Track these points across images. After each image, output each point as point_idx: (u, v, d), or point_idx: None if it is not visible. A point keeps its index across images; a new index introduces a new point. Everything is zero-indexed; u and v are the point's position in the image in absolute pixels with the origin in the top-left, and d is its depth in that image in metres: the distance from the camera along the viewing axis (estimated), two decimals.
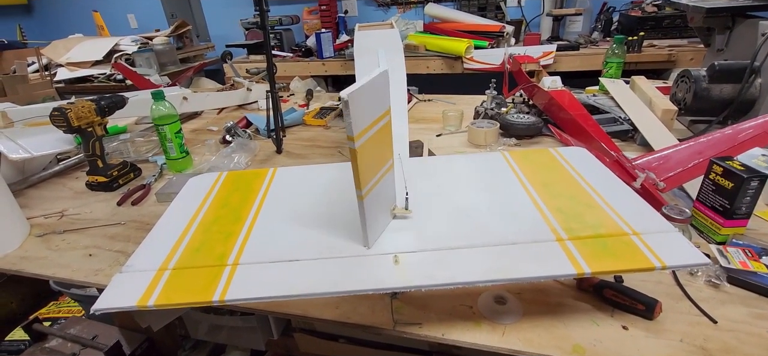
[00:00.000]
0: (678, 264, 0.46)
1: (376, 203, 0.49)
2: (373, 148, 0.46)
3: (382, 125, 0.48)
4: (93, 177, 1.07)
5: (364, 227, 0.49)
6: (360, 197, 0.46)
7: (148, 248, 0.55)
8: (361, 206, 0.46)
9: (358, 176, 0.45)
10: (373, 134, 0.46)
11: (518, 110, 1.32)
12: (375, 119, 0.46)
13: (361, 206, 0.46)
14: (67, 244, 0.86)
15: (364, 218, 0.48)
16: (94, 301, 1.49)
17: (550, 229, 0.52)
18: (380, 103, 0.47)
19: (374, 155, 0.47)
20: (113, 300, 0.46)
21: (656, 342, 0.56)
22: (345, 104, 0.41)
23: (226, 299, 0.45)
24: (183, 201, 0.65)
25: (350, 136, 0.43)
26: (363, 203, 0.46)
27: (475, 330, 0.60)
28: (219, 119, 1.65)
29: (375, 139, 0.47)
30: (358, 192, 0.46)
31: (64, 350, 1.42)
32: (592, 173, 0.62)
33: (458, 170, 0.68)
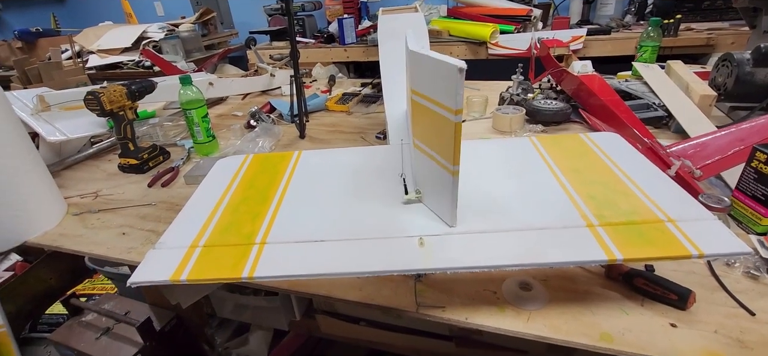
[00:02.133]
0: (716, 253, 0.44)
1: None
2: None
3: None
4: (125, 160, 1.11)
5: (453, 204, 0.48)
6: (454, 172, 0.45)
7: (179, 227, 0.56)
8: (455, 182, 0.46)
9: (456, 151, 0.44)
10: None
11: (545, 96, 1.28)
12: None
13: (455, 182, 0.46)
14: (101, 223, 0.90)
15: (455, 195, 0.47)
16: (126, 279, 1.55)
17: (580, 215, 0.50)
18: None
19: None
20: (148, 274, 0.48)
21: (689, 332, 0.54)
22: (460, 72, 0.39)
23: (255, 276, 0.46)
24: (211, 182, 0.66)
25: (457, 108, 0.42)
26: (457, 179, 0.46)
27: (498, 315, 0.59)
28: (243, 105, 1.68)
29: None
30: (453, 168, 0.45)
31: (99, 324, 1.50)
32: (625, 159, 0.60)
33: (484, 155, 0.67)
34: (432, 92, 0.45)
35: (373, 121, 1.40)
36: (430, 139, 0.49)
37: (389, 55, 1.07)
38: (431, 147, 0.49)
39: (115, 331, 1.46)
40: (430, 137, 0.49)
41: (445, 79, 0.41)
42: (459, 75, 0.40)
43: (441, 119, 0.45)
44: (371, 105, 1.49)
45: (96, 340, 1.43)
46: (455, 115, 0.42)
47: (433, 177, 0.50)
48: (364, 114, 1.45)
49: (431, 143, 0.49)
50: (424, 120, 0.53)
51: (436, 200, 0.52)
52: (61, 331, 1.48)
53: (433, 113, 0.46)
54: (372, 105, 1.49)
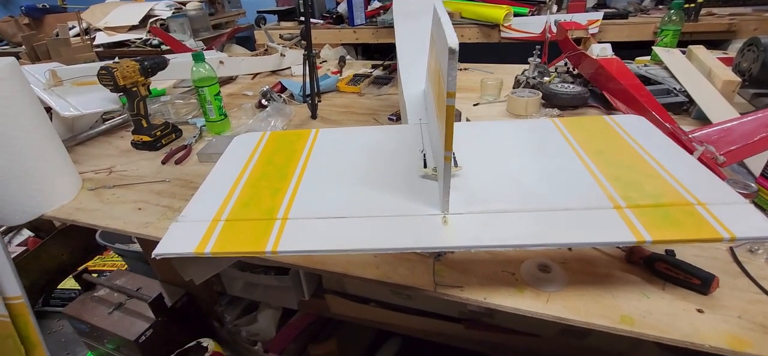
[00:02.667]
0: (749, 236, 0.43)
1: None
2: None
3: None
4: (138, 136, 1.11)
5: (446, 192, 0.47)
6: (447, 157, 0.44)
7: (200, 201, 0.56)
8: (447, 168, 0.45)
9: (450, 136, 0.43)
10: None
11: (562, 80, 1.26)
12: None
13: (447, 168, 0.45)
14: (116, 198, 0.90)
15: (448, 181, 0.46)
16: (137, 256, 1.57)
17: (606, 196, 0.49)
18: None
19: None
20: (172, 246, 0.48)
21: (713, 317, 0.53)
22: (452, 53, 0.38)
23: (279, 250, 0.46)
24: (230, 158, 0.66)
25: (450, 91, 0.40)
26: (449, 165, 0.45)
27: (517, 295, 0.59)
28: (253, 85, 1.67)
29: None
30: (446, 153, 0.44)
31: (112, 299, 1.52)
32: (650, 142, 0.59)
33: (505, 136, 0.66)
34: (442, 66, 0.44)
35: (385, 103, 1.39)
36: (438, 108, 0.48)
37: (405, 35, 1.05)
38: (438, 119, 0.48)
39: (127, 306, 1.49)
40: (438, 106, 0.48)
41: (443, 55, 0.40)
42: (450, 55, 0.38)
43: (440, 97, 0.44)
44: (383, 87, 1.47)
45: (109, 315, 1.45)
46: (447, 97, 0.41)
47: (439, 156, 0.49)
48: (376, 96, 1.43)
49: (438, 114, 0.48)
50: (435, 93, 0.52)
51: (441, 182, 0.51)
52: (74, 305, 1.51)
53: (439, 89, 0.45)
54: (384, 87, 1.47)
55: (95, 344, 1.51)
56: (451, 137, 0.42)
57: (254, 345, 1.51)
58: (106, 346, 1.48)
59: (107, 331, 1.41)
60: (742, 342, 0.50)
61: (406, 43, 1.00)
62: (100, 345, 1.50)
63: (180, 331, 1.49)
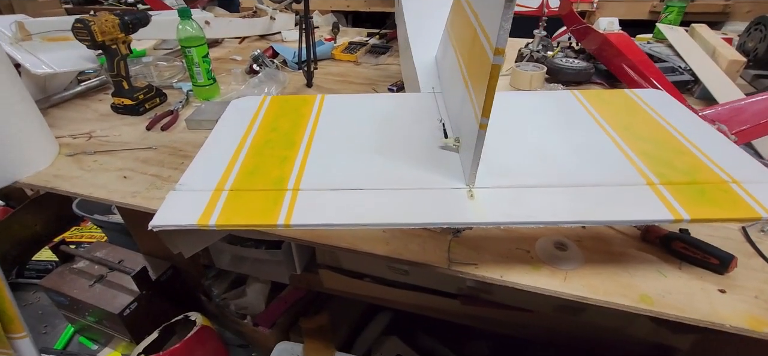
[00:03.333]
0: None
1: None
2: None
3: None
4: (119, 99, 1.03)
5: (475, 164, 0.44)
6: (481, 125, 0.40)
7: (198, 169, 0.51)
8: (480, 137, 0.41)
9: (490, 100, 0.39)
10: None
11: (565, 55, 1.23)
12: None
13: (480, 137, 0.41)
14: (99, 165, 0.83)
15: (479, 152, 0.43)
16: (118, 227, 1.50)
17: (638, 173, 0.47)
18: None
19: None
20: (171, 217, 0.43)
21: (730, 297, 0.53)
22: (508, 3, 0.33)
23: (292, 223, 0.42)
24: (228, 123, 0.60)
25: (499, 47, 0.35)
26: (484, 134, 0.41)
27: (534, 273, 0.57)
28: (242, 49, 1.57)
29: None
30: (483, 120, 0.40)
31: (92, 271, 1.45)
32: (675, 117, 0.57)
33: (527, 108, 0.62)
34: (485, 20, 0.39)
35: (383, 73, 1.33)
36: (471, 72, 0.44)
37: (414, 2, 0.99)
38: (472, 85, 0.44)
39: (109, 279, 1.42)
40: (471, 69, 0.44)
41: (491, 5, 0.35)
42: (507, 4, 0.34)
43: (481, 50, 0.39)
44: (380, 56, 1.41)
45: (90, 287, 1.39)
46: (495, 55, 0.37)
47: (468, 125, 0.46)
48: (374, 65, 1.37)
49: (472, 79, 0.44)
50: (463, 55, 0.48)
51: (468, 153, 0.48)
52: (51, 278, 1.43)
53: (477, 40, 0.40)
54: (381, 56, 1.41)
55: (75, 317, 1.45)
56: (491, 102, 0.38)
57: (243, 319, 1.48)
58: (87, 319, 1.43)
59: (88, 304, 1.35)
60: (761, 322, 0.50)
61: (415, 9, 0.94)
62: (80, 318, 1.45)
63: (166, 305, 1.44)
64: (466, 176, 0.46)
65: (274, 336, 1.44)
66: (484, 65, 0.37)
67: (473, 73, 0.43)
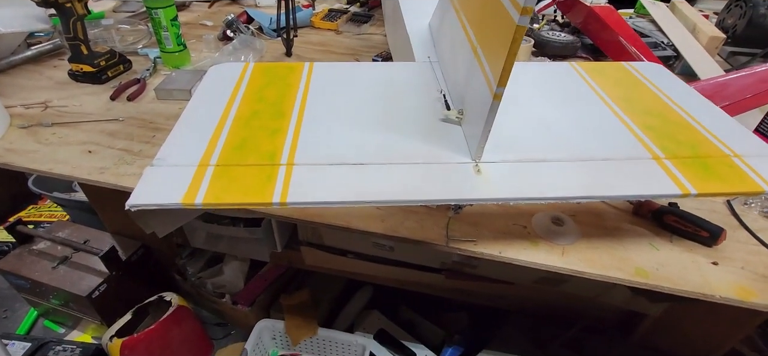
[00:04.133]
0: None
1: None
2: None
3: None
4: (77, 65, 0.93)
5: (484, 138, 0.41)
6: (496, 95, 0.37)
7: (178, 142, 0.46)
8: (493, 108, 0.38)
9: (507, 67, 0.35)
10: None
11: (550, 28, 1.22)
12: None
13: (493, 108, 0.38)
14: (58, 138, 0.75)
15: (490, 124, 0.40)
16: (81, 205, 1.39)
17: (643, 146, 0.46)
18: None
19: None
20: (151, 196, 0.39)
21: (719, 269, 0.54)
22: None
23: (289, 201, 0.38)
24: (208, 92, 0.55)
25: (528, 5, 0.31)
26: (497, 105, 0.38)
27: (532, 249, 0.57)
28: (212, 14, 1.46)
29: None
30: (498, 90, 0.37)
31: (55, 252, 1.36)
32: (675, 91, 0.57)
33: (525, 79, 0.60)
34: None
35: (366, 43, 1.27)
36: (482, 39, 0.41)
37: None
38: (484, 52, 0.41)
39: (75, 260, 1.34)
40: (483, 35, 0.41)
41: None
42: None
43: (500, 11, 0.36)
44: (362, 25, 1.35)
45: (53, 269, 1.30)
46: (521, 15, 0.33)
47: (477, 96, 0.43)
48: (356, 35, 1.31)
49: (483, 46, 0.41)
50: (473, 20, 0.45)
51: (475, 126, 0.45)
52: (9, 260, 1.33)
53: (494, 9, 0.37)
54: (363, 25, 1.35)
55: (38, 300, 1.37)
56: (510, 70, 0.35)
57: (222, 298, 1.43)
58: (51, 302, 1.34)
59: (52, 287, 1.27)
60: (747, 292, 0.51)
61: None
62: (44, 301, 1.36)
63: (138, 286, 1.37)
64: (471, 150, 0.44)
65: (254, 314, 1.40)
66: (505, 27, 0.34)
67: (486, 37, 0.40)
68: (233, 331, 1.55)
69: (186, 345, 1.36)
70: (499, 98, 0.37)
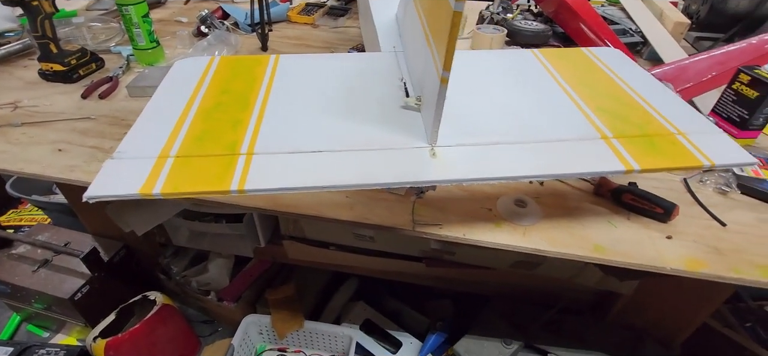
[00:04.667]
0: (727, 163, 0.45)
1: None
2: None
3: None
4: (47, 65, 0.92)
5: (437, 121, 0.42)
6: (442, 79, 0.39)
7: (139, 135, 0.47)
8: (442, 93, 0.39)
9: (451, 52, 0.37)
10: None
11: (523, 17, 1.23)
12: None
13: (442, 93, 0.39)
14: (28, 138, 0.75)
15: (440, 108, 0.41)
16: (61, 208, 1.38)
17: (594, 128, 0.48)
18: None
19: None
20: (109, 187, 0.39)
21: (672, 243, 0.57)
22: None
23: (246, 188, 0.39)
24: (172, 85, 0.55)
25: None
26: (445, 89, 0.39)
27: (496, 230, 0.59)
28: (188, 10, 1.45)
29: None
30: (444, 74, 0.38)
31: (35, 256, 1.35)
32: (629, 74, 0.59)
33: (486, 66, 0.62)
34: None
35: (342, 36, 1.28)
36: (432, 26, 0.43)
37: None
38: (433, 39, 0.42)
39: (56, 263, 1.33)
40: (432, 23, 0.43)
41: None
42: None
43: (438, 5, 0.37)
44: (339, 18, 1.35)
45: (33, 273, 1.29)
46: (456, 0, 0.34)
47: (429, 82, 0.45)
48: (333, 28, 1.31)
49: (433, 33, 0.42)
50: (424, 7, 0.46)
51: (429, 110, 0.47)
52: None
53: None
54: (340, 18, 1.35)
55: (20, 305, 1.35)
56: (452, 54, 0.36)
57: (207, 295, 1.44)
58: (33, 306, 1.33)
59: (33, 290, 1.26)
60: (699, 263, 0.54)
61: None
62: (25, 306, 1.35)
63: (121, 286, 1.37)
64: (428, 134, 0.46)
65: (240, 309, 1.41)
66: (445, 14, 0.35)
67: (434, 26, 0.41)
68: (220, 328, 1.56)
69: (172, 343, 1.36)
70: (446, 82, 0.39)
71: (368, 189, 0.63)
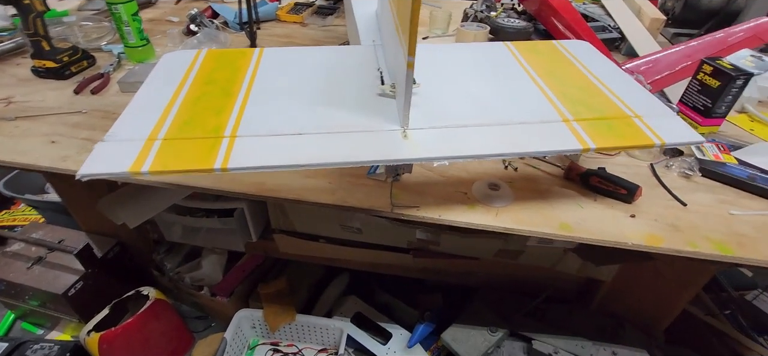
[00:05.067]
0: (676, 142, 0.48)
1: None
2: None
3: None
4: (39, 62, 0.94)
5: (407, 105, 0.45)
6: (410, 64, 0.41)
7: (129, 120, 0.49)
8: (409, 77, 0.42)
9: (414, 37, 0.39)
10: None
11: (508, 15, 1.27)
12: None
13: (409, 77, 0.42)
14: (21, 131, 0.77)
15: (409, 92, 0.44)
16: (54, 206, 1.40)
17: (556, 111, 0.52)
18: None
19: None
20: (100, 166, 0.42)
21: (635, 221, 0.61)
22: None
23: (230, 167, 0.42)
24: (160, 76, 0.58)
25: None
26: (411, 73, 0.42)
27: (469, 212, 0.62)
28: (178, 10, 1.48)
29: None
30: (409, 58, 0.41)
31: (29, 253, 1.36)
32: (595, 64, 0.62)
33: (461, 58, 0.65)
34: None
35: (330, 34, 1.31)
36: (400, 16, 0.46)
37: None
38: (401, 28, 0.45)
39: (50, 260, 1.35)
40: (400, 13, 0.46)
41: None
42: None
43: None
44: (328, 17, 1.39)
45: (28, 270, 1.31)
46: None
47: (399, 68, 0.48)
48: (321, 27, 1.35)
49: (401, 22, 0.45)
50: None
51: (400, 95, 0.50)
52: None
53: None
54: (329, 17, 1.38)
55: (14, 302, 1.37)
56: (414, 38, 0.40)
57: (200, 290, 1.46)
58: (28, 303, 1.35)
59: (28, 287, 1.28)
60: (657, 239, 0.57)
61: None
62: (20, 303, 1.36)
63: (115, 282, 1.39)
64: (400, 118, 0.49)
65: (233, 304, 1.43)
66: (408, 3, 0.38)
67: (401, 15, 0.44)
68: (213, 323, 1.58)
69: (166, 337, 1.38)
70: (412, 66, 0.42)
71: (349, 175, 0.67)
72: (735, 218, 0.61)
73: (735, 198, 0.65)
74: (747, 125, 0.82)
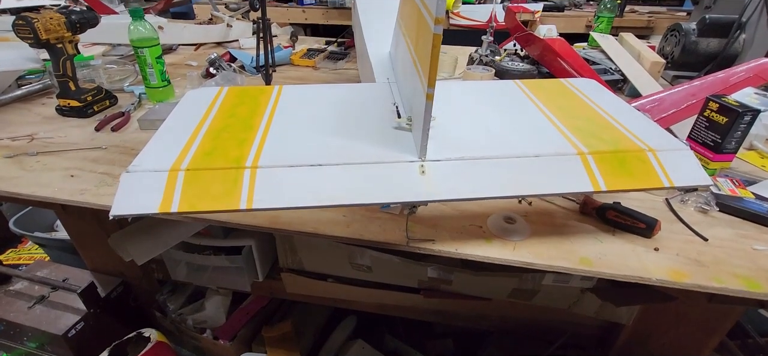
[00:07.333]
0: (685, 184, 0.49)
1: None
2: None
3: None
4: (65, 101, 0.98)
5: (425, 135, 0.46)
6: (428, 96, 0.43)
7: (153, 151, 0.50)
8: (428, 109, 0.44)
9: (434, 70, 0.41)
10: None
11: (511, 60, 1.32)
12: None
13: (428, 109, 0.44)
14: (42, 166, 0.79)
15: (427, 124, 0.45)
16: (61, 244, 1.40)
17: (570, 144, 0.52)
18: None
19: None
20: (131, 205, 0.43)
21: (657, 255, 0.59)
22: None
23: (254, 207, 0.43)
24: (184, 111, 0.60)
25: (438, 16, 0.38)
26: (430, 105, 0.44)
27: (486, 246, 0.61)
28: (198, 55, 1.55)
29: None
30: (429, 90, 0.43)
31: (31, 292, 1.34)
32: (604, 100, 0.64)
33: (473, 94, 0.67)
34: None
35: (341, 77, 1.36)
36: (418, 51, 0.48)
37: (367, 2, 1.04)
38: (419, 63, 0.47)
39: (52, 299, 1.33)
40: (418, 49, 0.48)
41: None
42: None
43: (424, 24, 0.43)
44: (339, 61, 1.44)
45: (29, 309, 1.28)
46: (435, 24, 0.39)
47: (417, 100, 0.49)
48: (332, 70, 1.40)
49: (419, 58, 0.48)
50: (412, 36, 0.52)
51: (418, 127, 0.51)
52: None
53: (421, 19, 0.44)
54: (340, 61, 1.44)
55: (12, 344, 1.33)
56: (435, 71, 0.41)
57: (202, 333, 1.42)
58: (27, 345, 1.31)
59: (27, 327, 1.25)
60: (681, 274, 0.56)
61: (370, 10, 0.99)
62: (18, 345, 1.32)
63: (117, 323, 1.36)
64: (417, 149, 0.50)
65: (235, 348, 1.39)
66: (428, 38, 0.40)
67: (420, 50, 0.46)
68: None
69: None
70: (431, 98, 0.43)
71: (364, 208, 0.67)
72: (759, 253, 0.60)
73: (756, 233, 0.64)
74: (758, 162, 0.82)
